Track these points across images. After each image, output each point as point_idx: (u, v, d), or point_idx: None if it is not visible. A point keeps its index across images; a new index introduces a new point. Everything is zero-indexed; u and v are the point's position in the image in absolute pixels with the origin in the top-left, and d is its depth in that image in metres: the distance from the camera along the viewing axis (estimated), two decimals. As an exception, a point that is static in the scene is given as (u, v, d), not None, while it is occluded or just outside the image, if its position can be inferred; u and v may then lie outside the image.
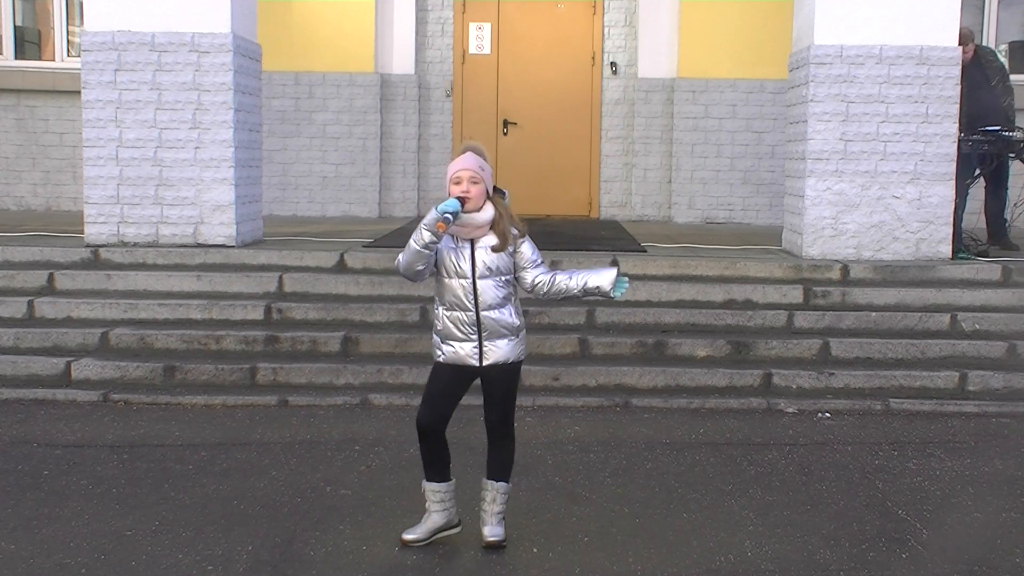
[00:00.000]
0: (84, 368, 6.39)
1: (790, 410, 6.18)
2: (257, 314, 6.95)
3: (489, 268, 3.92)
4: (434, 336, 4.04)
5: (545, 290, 4.00)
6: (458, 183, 3.87)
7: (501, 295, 3.95)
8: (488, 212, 3.92)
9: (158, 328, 6.79)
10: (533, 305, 6.97)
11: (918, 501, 4.67)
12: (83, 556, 3.91)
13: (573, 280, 3.99)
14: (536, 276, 4.00)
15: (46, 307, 6.97)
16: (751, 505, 4.59)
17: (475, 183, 3.88)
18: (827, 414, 6.12)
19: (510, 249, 3.95)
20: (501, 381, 4.00)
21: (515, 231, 3.96)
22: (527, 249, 4.00)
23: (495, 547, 4.01)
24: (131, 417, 5.84)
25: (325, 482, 4.78)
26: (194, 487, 4.70)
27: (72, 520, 4.28)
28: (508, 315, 3.97)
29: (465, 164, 3.90)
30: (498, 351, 3.95)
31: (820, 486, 4.86)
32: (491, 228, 3.93)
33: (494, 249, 3.92)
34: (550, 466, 5.08)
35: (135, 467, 4.97)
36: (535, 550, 4.04)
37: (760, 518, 4.43)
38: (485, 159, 3.98)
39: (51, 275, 7.27)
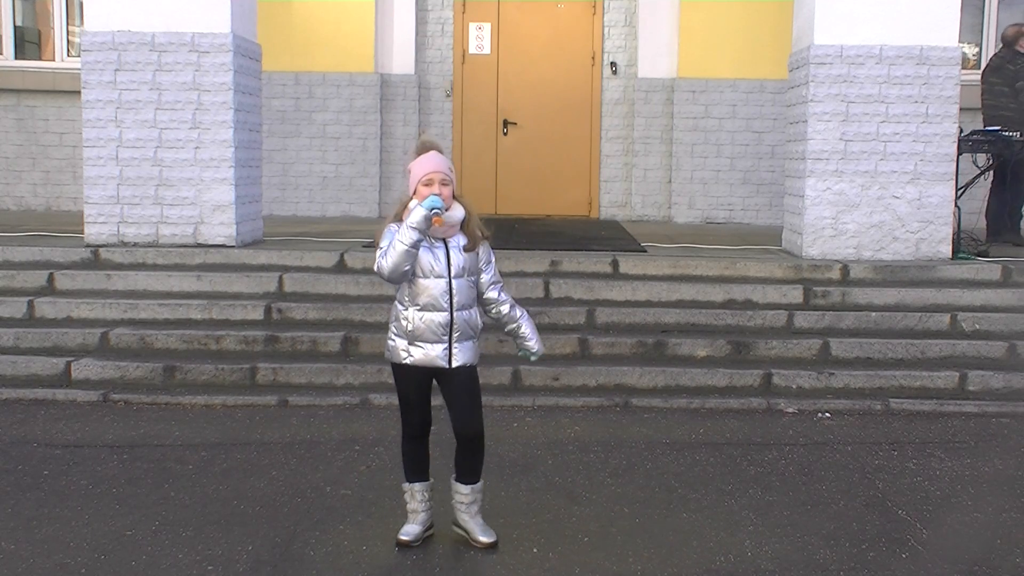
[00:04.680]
0: (84, 368, 6.39)
1: (790, 410, 6.18)
2: (257, 314, 6.95)
3: (462, 267, 3.95)
4: (395, 339, 4.02)
5: (492, 303, 4.06)
6: (429, 184, 3.89)
7: (472, 296, 4.00)
8: (459, 211, 3.96)
9: (158, 328, 6.79)
10: (533, 305, 6.97)
11: (918, 501, 4.68)
12: (83, 556, 3.92)
13: (519, 319, 4.08)
14: (492, 284, 4.05)
15: (46, 307, 6.97)
16: (751, 505, 4.59)
17: (445, 184, 3.91)
18: (827, 414, 6.12)
19: (477, 249, 3.99)
20: (466, 383, 4.00)
21: (479, 232, 4.00)
22: (484, 250, 4.05)
23: (492, 547, 4.01)
24: (131, 417, 5.84)
25: (325, 482, 4.78)
26: (194, 487, 4.70)
27: (72, 520, 4.28)
28: (476, 316, 4.02)
29: (436, 166, 3.92)
30: (466, 353, 3.97)
31: (820, 486, 4.86)
32: (461, 228, 3.96)
33: (465, 249, 3.96)
34: (550, 466, 5.08)
35: (135, 467, 4.97)
36: (535, 550, 4.04)
37: (760, 518, 4.43)
38: (447, 157, 4.02)
39: (51, 275, 7.27)
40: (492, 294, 4.06)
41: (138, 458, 5.11)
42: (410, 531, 4.06)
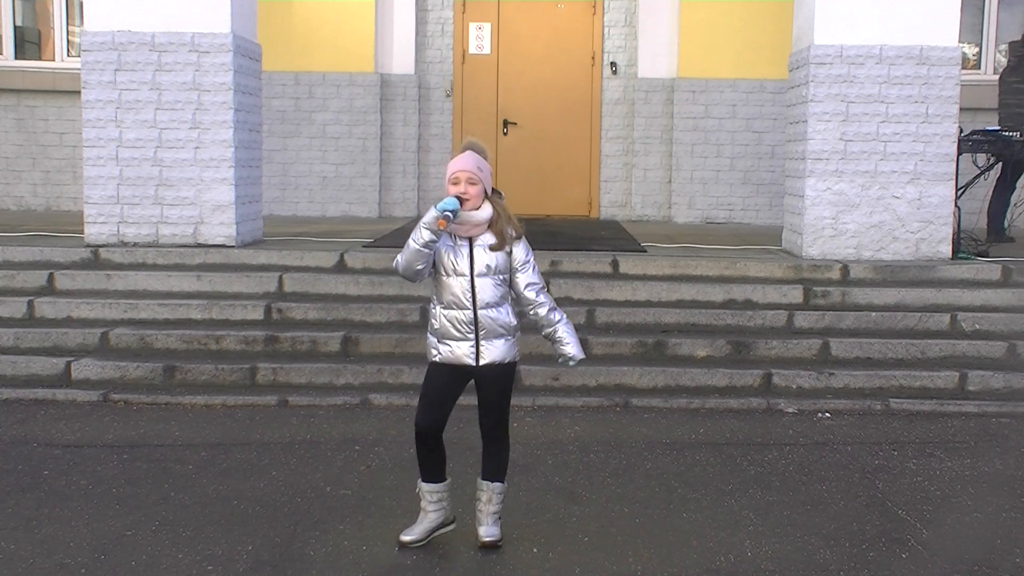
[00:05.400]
0: (84, 368, 6.39)
1: (790, 410, 6.18)
2: (257, 314, 6.95)
3: (488, 266, 3.93)
4: (429, 336, 4.05)
5: (529, 304, 4.01)
6: (456, 183, 3.90)
7: (499, 294, 3.96)
8: (486, 211, 3.94)
9: (158, 328, 6.79)
10: (533, 305, 6.97)
11: (918, 501, 4.68)
12: (83, 556, 3.91)
13: (556, 324, 3.99)
14: (528, 285, 4.00)
15: (46, 307, 6.97)
16: (751, 505, 4.59)
17: (472, 184, 3.90)
18: (827, 414, 6.12)
19: (507, 249, 3.97)
20: (496, 382, 4.01)
21: (511, 231, 3.97)
22: (520, 251, 4.01)
23: (491, 547, 4.01)
24: (131, 417, 5.84)
25: (325, 482, 4.78)
26: (194, 487, 4.70)
27: (72, 520, 4.28)
28: (505, 314, 3.98)
29: (463, 165, 3.92)
30: (495, 351, 3.96)
31: (820, 486, 4.86)
32: (489, 227, 3.95)
33: (492, 248, 3.94)
34: (550, 466, 5.08)
35: (135, 467, 4.97)
36: (535, 550, 4.04)
37: (760, 518, 4.43)
38: (485, 158, 4.00)
39: (51, 275, 7.27)
40: (529, 295, 4.00)
41: (138, 458, 5.11)
42: (411, 531, 4.06)
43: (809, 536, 4.24)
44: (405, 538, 4.04)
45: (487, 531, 4.03)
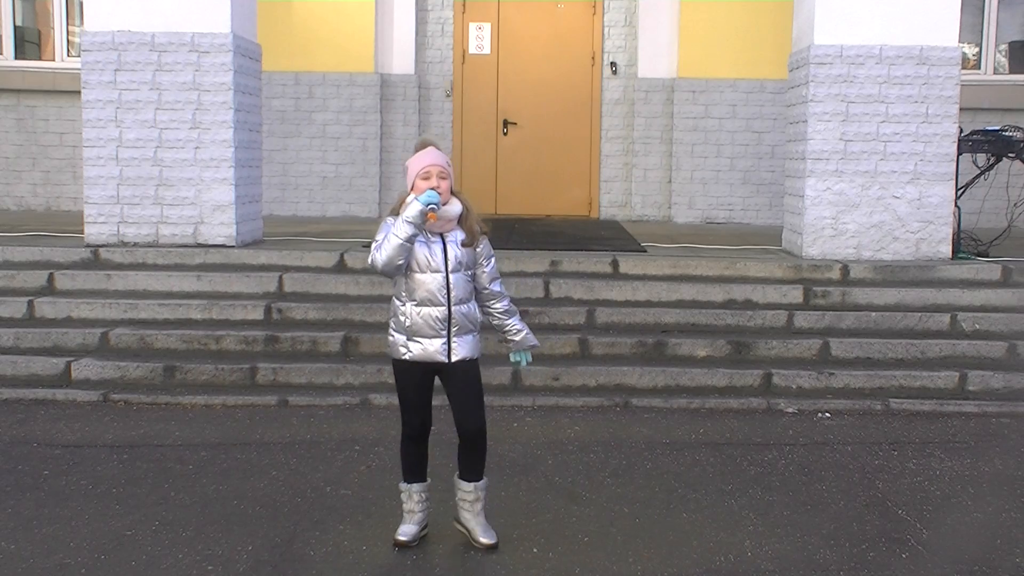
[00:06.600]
0: (84, 368, 6.39)
1: (790, 410, 6.18)
2: (257, 314, 6.95)
3: (460, 262, 3.96)
4: (394, 335, 4.02)
5: (490, 296, 4.06)
6: (427, 178, 3.91)
7: (469, 289, 4.00)
8: (457, 206, 3.97)
9: (158, 328, 6.79)
10: (533, 305, 6.98)
11: (918, 501, 4.68)
12: (83, 556, 3.92)
13: (513, 317, 4.10)
14: (493, 280, 4.05)
15: (46, 307, 6.97)
16: (751, 505, 4.59)
17: (443, 178, 3.92)
18: (827, 414, 6.12)
19: (477, 245, 4.00)
20: (466, 377, 4.01)
21: (479, 227, 4.01)
22: (483, 246, 4.04)
23: (491, 548, 4.01)
24: (131, 417, 5.84)
25: (325, 482, 4.78)
26: (194, 487, 4.70)
27: (72, 520, 4.28)
28: (474, 310, 4.03)
29: (435, 159, 3.93)
30: (465, 347, 3.98)
31: (820, 486, 4.86)
32: (459, 223, 3.97)
33: (464, 244, 3.97)
34: (550, 466, 5.08)
35: (135, 467, 4.97)
36: (535, 550, 4.04)
37: (760, 518, 4.43)
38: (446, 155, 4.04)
39: (51, 275, 7.27)
40: (494, 288, 4.05)
41: (138, 458, 5.11)
42: (407, 531, 4.06)
43: (809, 536, 4.24)
44: (402, 538, 4.04)
45: (486, 534, 4.04)
